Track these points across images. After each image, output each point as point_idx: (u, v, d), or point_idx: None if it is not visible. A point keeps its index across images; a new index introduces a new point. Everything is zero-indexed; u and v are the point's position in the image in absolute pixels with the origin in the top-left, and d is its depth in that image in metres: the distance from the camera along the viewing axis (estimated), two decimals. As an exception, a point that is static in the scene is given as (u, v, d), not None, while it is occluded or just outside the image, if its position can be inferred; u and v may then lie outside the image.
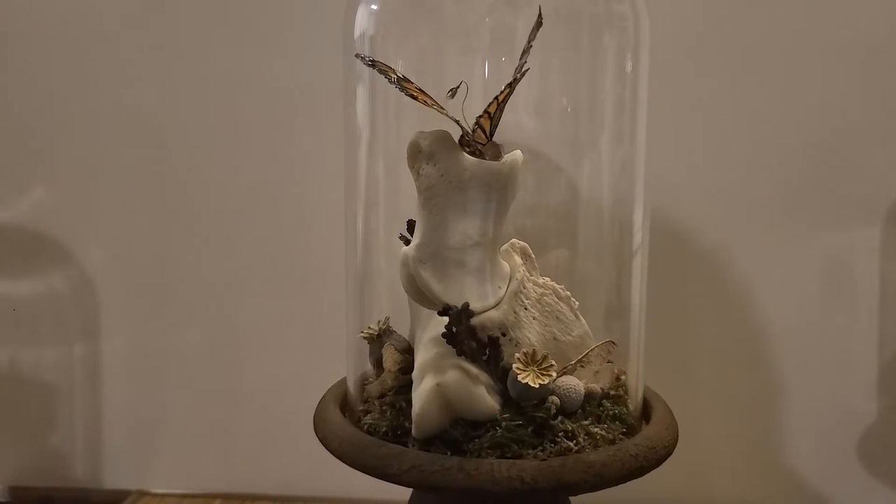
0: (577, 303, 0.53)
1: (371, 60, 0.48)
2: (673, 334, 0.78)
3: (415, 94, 0.48)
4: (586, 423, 0.49)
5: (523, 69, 0.47)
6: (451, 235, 0.48)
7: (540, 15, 0.48)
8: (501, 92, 0.48)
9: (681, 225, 0.78)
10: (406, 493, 0.53)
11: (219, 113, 0.82)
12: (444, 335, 0.47)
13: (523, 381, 0.46)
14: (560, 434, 0.47)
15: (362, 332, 0.55)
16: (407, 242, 0.55)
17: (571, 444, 0.47)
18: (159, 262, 0.85)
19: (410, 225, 0.54)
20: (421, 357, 0.50)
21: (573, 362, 0.50)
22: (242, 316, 0.84)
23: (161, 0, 0.81)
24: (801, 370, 0.79)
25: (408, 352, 0.54)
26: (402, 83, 0.48)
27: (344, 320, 0.60)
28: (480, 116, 0.48)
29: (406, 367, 0.52)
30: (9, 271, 0.86)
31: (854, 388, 0.79)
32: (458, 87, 0.47)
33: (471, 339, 0.47)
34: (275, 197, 0.82)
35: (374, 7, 0.57)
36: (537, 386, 0.46)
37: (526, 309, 0.50)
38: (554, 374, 0.47)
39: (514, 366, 0.47)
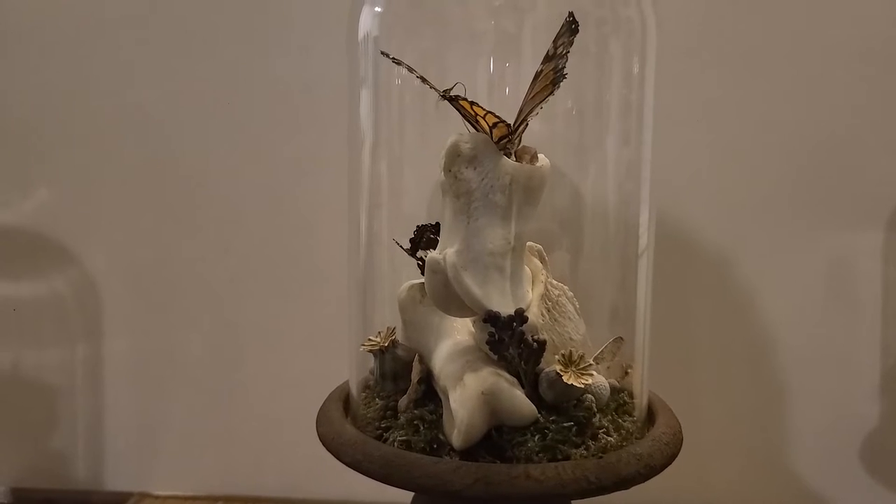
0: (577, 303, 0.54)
1: (396, 59, 0.48)
2: (675, 337, 0.78)
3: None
4: (614, 417, 0.50)
5: (559, 73, 0.47)
6: (491, 240, 0.47)
7: (574, 21, 0.47)
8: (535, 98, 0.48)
9: (684, 227, 0.77)
10: (408, 496, 0.53)
11: (222, 114, 0.82)
12: (488, 342, 0.47)
13: (568, 382, 0.46)
14: (600, 430, 0.48)
15: (365, 344, 0.53)
16: (408, 250, 0.55)
17: (611, 439, 0.48)
18: (161, 264, 0.84)
19: (422, 230, 0.54)
20: (446, 367, 0.49)
21: (591, 359, 0.51)
22: (244, 318, 0.84)
23: (164, 0, 0.81)
24: (803, 373, 0.79)
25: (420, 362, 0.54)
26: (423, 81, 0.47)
27: (345, 322, 0.60)
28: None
29: (421, 379, 0.51)
30: (11, 273, 0.86)
31: (857, 392, 0.78)
32: (453, 87, 0.47)
33: (519, 344, 0.47)
34: (277, 198, 0.82)
35: (377, 9, 0.57)
36: (582, 386, 0.46)
37: (549, 311, 0.51)
38: (594, 374, 0.48)
39: (556, 367, 0.47)
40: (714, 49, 0.76)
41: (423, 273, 0.54)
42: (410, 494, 0.53)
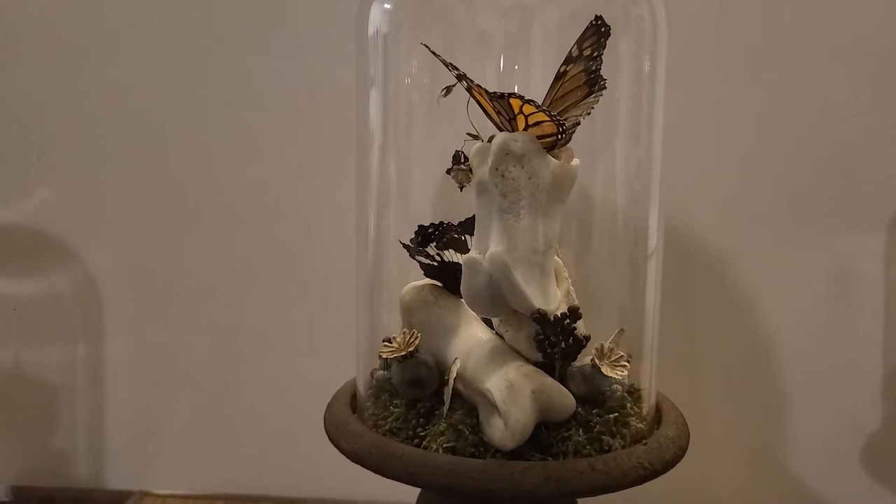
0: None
1: (439, 56, 0.47)
2: (678, 339, 0.78)
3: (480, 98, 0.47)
4: (633, 405, 0.51)
5: (592, 74, 0.47)
6: (536, 238, 0.48)
7: (604, 24, 0.47)
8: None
9: (687, 229, 0.78)
10: (410, 494, 0.53)
11: (224, 114, 0.82)
12: (537, 340, 0.47)
13: (606, 375, 0.47)
14: (629, 418, 0.49)
15: (384, 350, 0.52)
16: (410, 250, 0.54)
17: (642, 426, 0.49)
18: (163, 263, 0.84)
19: (428, 230, 0.53)
20: (480, 367, 0.49)
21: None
22: (246, 317, 0.84)
23: (166, 1, 0.81)
24: (806, 375, 0.79)
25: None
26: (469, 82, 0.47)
27: (346, 323, 0.60)
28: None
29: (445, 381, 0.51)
30: (12, 271, 0.86)
31: (859, 395, 0.79)
32: (455, 84, 0.47)
33: (568, 341, 0.47)
34: (279, 199, 0.82)
35: (387, 6, 0.57)
36: (619, 377, 0.48)
37: None
38: (627, 365, 0.49)
39: (590, 360, 0.48)
40: (721, 54, 0.76)
41: (426, 274, 0.54)
42: (414, 493, 0.53)
